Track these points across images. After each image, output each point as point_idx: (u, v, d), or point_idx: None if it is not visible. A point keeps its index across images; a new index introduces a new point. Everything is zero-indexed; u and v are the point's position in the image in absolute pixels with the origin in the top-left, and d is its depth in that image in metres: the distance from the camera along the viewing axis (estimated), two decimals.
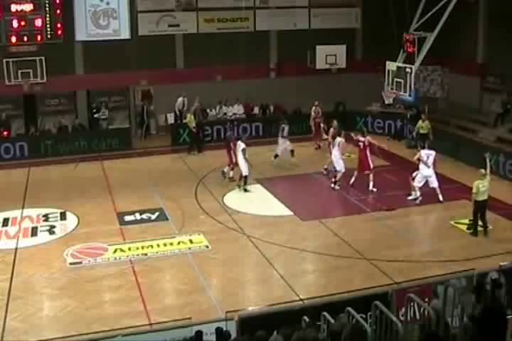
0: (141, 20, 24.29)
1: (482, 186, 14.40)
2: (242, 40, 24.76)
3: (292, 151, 20.86)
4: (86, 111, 24.94)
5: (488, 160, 15.28)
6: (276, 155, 20.97)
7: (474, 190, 14.42)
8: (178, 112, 24.99)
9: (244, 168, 18.19)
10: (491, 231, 14.68)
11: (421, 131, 21.63)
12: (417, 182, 16.88)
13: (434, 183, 16.88)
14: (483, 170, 14.76)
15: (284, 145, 20.85)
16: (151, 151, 22.95)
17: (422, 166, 16.76)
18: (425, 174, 16.73)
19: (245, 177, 18.26)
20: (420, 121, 21.76)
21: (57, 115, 24.45)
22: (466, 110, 24.28)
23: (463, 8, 19.83)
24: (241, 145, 18.32)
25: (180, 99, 24.74)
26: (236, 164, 18.70)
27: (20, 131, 24.05)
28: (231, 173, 19.17)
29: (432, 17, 19.50)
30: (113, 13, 23.73)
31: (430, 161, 16.72)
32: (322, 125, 22.41)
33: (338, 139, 18.48)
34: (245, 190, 18.26)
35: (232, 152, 18.90)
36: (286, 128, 20.67)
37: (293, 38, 25.54)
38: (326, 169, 19.60)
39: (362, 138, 18.18)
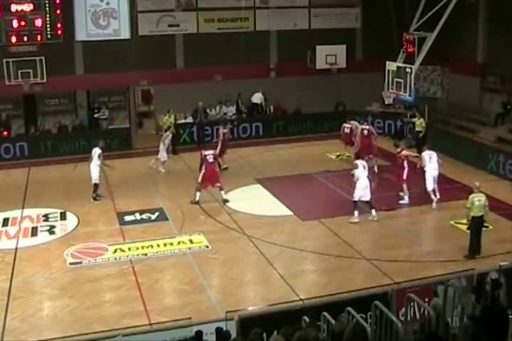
0: (141, 20, 24.27)
1: (477, 200, 13.44)
2: (242, 40, 24.77)
3: None
4: (86, 111, 24.94)
5: None
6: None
7: (468, 204, 13.42)
8: (258, 103, 25.56)
9: (95, 175, 17.58)
10: (491, 231, 14.65)
11: (416, 129, 22.00)
12: (430, 186, 16.57)
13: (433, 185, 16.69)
14: (477, 183, 13.84)
15: None
16: (151, 151, 22.91)
17: (427, 168, 16.61)
18: (434, 174, 16.60)
19: (95, 185, 17.62)
20: (416, 119, 22.06)
21: (57, 115, 24.46)
22: (466, 110, 24.28)
23: (463, 8, 19.81)
24: (97, 151, 17.76)
25: (259, 94, 25.29)
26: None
27: (21, 131, 24.05)
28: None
29: (432, 17, 19.49)
30: (113, 13, 23.71)
31: (434, 160, 16.69)
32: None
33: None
34: (95, 198, 17.59)
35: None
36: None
37: (293, 38, 25.52)
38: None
39: (366, 126, 19.46)
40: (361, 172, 15.78)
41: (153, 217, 16.43)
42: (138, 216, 16.47)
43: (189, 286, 12.49)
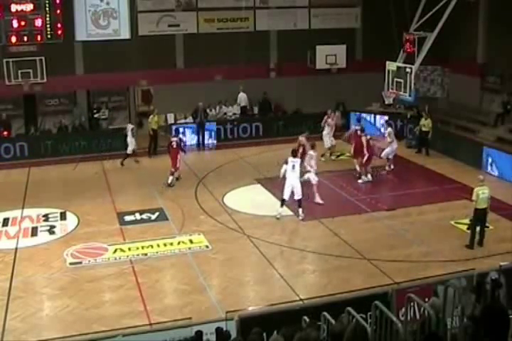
0: (141, 20, 24.27)
1: (482, 193, 13.80)
2: (242, 40, 24.76)
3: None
4: (86, 111, 24.96)
5: None
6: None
7: (474, 197, 13.81)
8: (246, 106, 25.61)
9: (131, 146, 21.21)
10: (491, 231, 14.66)
11: (423, 129, 21.84)
12: (388, 155, 19.70)
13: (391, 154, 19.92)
14: (481, 176, 14.48)
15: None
16: None
17: (392, 142, 19.66)
18: (395, 147, 19.78)
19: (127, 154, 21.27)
20: (423, 119, 21.90)
21: (57, 115, 24.46)
22: (466, 110, 24.28)
23: (463, 8, 19.83)
24: (130, 126, 21.52)
25: (243, 95, 25.32)
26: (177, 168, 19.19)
27: (21, 131, 24.06)
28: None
29: (432, 17, 19.51)
30: (113, 13, 23.73)
31: (393, 136, 19.97)
32: None
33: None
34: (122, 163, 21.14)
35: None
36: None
37: (293, 38, 25.53)
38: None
39: (358, 127, 20.06)
40: (289, 171, 15.83)
41: (153, 217, 16.43)
42: (138, 216, 16.47)
43: (189, 286, 12.49)
